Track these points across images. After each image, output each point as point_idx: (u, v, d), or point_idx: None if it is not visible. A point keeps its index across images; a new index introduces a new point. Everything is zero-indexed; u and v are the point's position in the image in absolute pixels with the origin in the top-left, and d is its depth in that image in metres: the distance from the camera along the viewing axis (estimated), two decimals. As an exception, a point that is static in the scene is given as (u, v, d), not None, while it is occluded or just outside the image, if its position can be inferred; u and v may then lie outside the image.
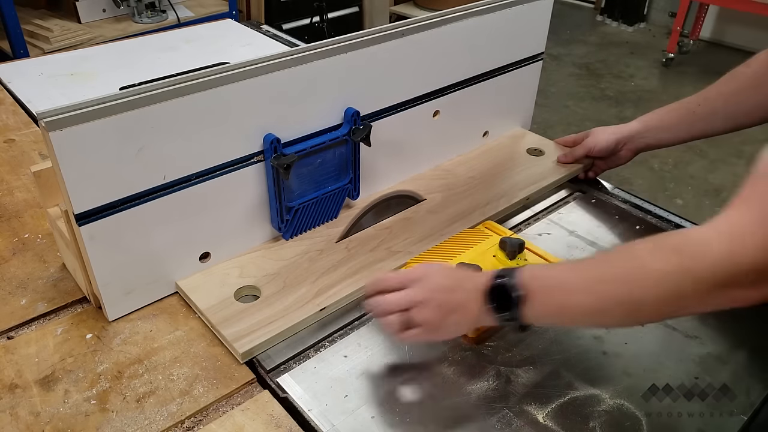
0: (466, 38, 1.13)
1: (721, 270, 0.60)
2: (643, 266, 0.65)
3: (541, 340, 0.87)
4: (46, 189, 0.90)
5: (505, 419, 0.76)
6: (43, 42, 2.44)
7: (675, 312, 0.67)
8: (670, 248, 0.64)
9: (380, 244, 1.02)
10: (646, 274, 0.65)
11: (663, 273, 0.63)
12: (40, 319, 0.89)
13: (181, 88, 0.80)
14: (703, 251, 0.61)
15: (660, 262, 0.64)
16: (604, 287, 0.68)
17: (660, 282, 0.63)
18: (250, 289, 0.93)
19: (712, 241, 0.61)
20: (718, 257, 0.60)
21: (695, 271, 0.61)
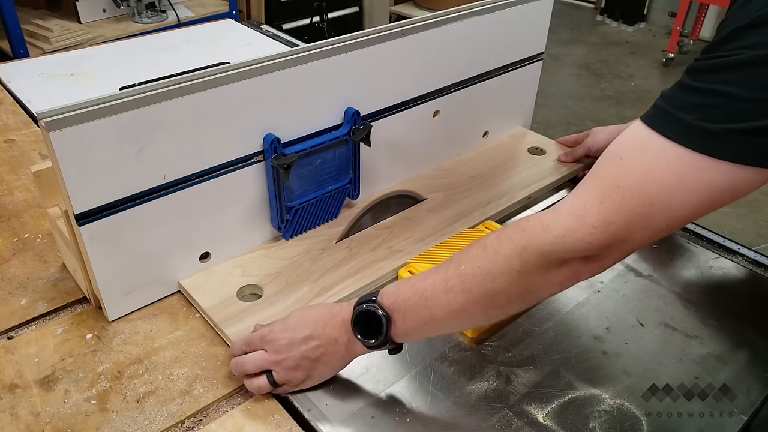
0: (466, 38, 1.13)
1: (561, 245, 0.63)
2: (492, 251, 0.68)
3: (541, 340, 0.87)
4: (46, 189, 0.90)
5: (505, 419, 0.76)
6: (43, 42, 2.44)
7: (526, 294, 0.68)
8: (517, 228, 0.67)
9: (381, 244, 1.02)
10: (495, 258, 0.67)
11: (510, 252, 0.66)
12: (40, 319, 0.89)
13: (181, 88, 0.80)
14: (546, 227, 0.64)
15: (507, 243, 0.67)
16: (462, 282, 0.69)
17: (508, 262, 0.66)
18: (252, 288, 0.93)
19: (555, 218, 0.64)
20: (558, 233, 0.63)
21: (537, 246, 0.64)
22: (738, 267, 1.02)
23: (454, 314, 0.71)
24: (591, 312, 0.92)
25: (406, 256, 1.00)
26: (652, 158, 0.59)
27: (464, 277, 0.69)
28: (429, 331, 0.74)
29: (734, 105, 0.55)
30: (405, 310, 0.72)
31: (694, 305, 0.94)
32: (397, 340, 0.75)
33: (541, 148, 1.30)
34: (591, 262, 0.64)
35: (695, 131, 0.57)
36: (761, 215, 2.67)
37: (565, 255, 0.63)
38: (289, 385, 0.78)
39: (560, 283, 0.67)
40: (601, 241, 0.61)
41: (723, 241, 1.07)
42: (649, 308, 0.93)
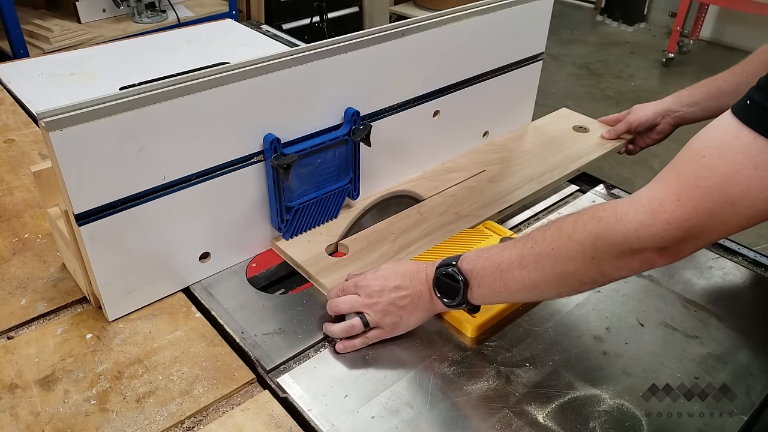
0: (466, 38, 1.13)
1: (634, 237, 0.64)
2: (567, 236, 0.70)
3: (541, 340, 0.87)
4: (46, 189, 0.90)
5: (505, 419, 0.76)
6: (43, 42, 2.44)
7: (598, 277, 0.70)
8: (592, 216, 0.68)
9: (448, 209, 1.11)
10: (569, 243, 0.70)
11: (583, 239, 0.68)
12: (40, 319, 0.89)
13: (181, 88, 0.80)
14: (620, 219, 0.65)
15: (581, 230, 0.69)
16: (536, 261, 0.73)
17: (581, 248, 0.68)
18: (338, 247, 1.03)
19: (630, 211, 0.64)
20: (632, 226, 0.64)
21: (610, 236, 0.66)
22: (738, 267, 1.02)
23: (527, 288, 0.75)
24: (591, 312, 0.92)
25: (473, 220, 1.08)
26: (738, 159, 0.57)
27: (538, 257, 0.73)
28: (502, 298, 0.81)
29: None
30: (482, 278, 0.78)
31: (694, 305, 0.94)
32: (473, 303, 0.80)
33: (584, 127, 1.38)
34: (665, 253, 0.65)
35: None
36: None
37: (638, 246, 0.64)
38: (379, 329, 0.84)
39: (633, 269, 0.68)
40: (675, 237, 0.62)
41: (723, 241, 1.07)
42: (649, 308, 0.93)
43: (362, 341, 0.84)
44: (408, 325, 0.85)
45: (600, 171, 1.30)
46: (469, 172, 1.22)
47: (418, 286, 0.83)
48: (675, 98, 1.23)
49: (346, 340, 0.85)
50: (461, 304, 0.80)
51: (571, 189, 1.23)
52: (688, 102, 1.20)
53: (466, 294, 0.79)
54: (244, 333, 0.87)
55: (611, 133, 1.32)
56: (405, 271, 0.85)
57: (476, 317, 0.87)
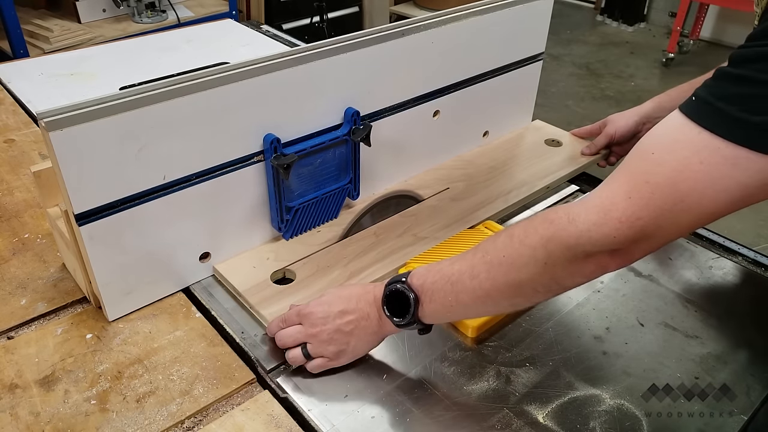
0: (466, 38, 1.13)
1: (586, 239, 0.62)
2: (518, 242, 0.68)
3: (541, 340, 0.87)
4: (46, 189, 0.90)
5: (505, 419, 0.76)
6: (43, 42, 2.44)
7: (551, 284, 0.68)
8: (543, 220, 0.67)
9: (406, 231, 1.06)
10: (521, 248, 0.68)
11: (535, 244, 0.66)
12: (40, 319, 0.89)
13: (181, 88, 0.80)
14: (572, 221, 0.63)
15: (533, 235, 0.67)
16: (487, 270, 0.70)
17: (533, 253, 0.66)
18: (285, 273, 0.97)
19: (582, 212, 0.63)
20: (584, 227, 0.62)
21: (562, 239, 0.64)
22: (738, 267, 1.02)
23: (480, 300, 0.72)
24: (591, 312, 0.92)
25: (431, 242, 1.03)
26: (685, 154, 0.57)
27: (490, 266, 0.70)
28: (455, 314, 0.76)
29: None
30: (433, 293, 0.74)
31: (694, 305, 0.94)
32: (425, 321, 0.77)
33: (557, 140, 1.34)
34: (618, 256, 0.63)
35: (736, 123, 0.54)
36: (761, 215, 2.67)
37: (590, 249, 0.63)
38: (324, 359, 0.80)
39: (585, 275, 0.66)
40: (627, 237, 0.60)
41: (723, 241, 1.07)
42: (649, 308, 0.93)
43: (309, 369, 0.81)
44: (356, 352, 0.81)
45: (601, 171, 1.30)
46: (432, 190, 1.16)
47: (365, 309, 0.79)
48: (655, 103, 1.19)
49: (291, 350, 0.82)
50: (411, 322, 0.76)
51: (571, 189, 1.23)
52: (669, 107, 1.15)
53: (417, 311, 0.75)
54: (244, 333, 0.87)
55: (591, 148, 1.26)
56: (350, 295, 0.81)
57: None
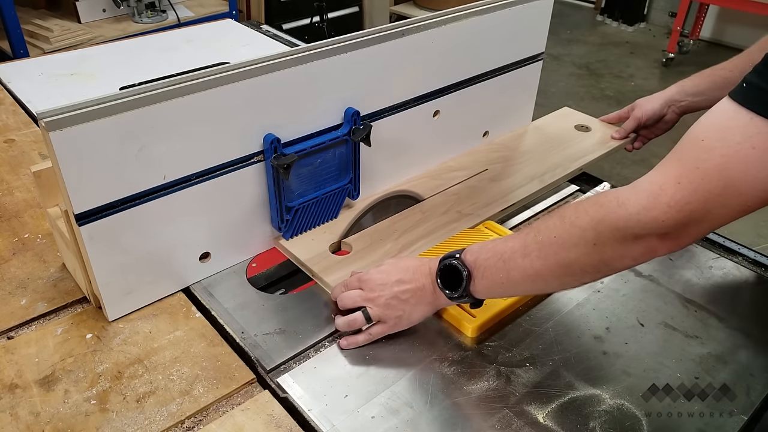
0: (466, 38, 1.13)
1: (635, 222, 0.63)
2: (569, 223, 0.70)
3: (541, 340, 0.87)
4: (46, 189, 0.90)
5: (505, 419, 0.76)
6: (43, 42, 2.44)
7: (600, 266, 0.69)
8: (594, 203, 0.68)
9: (451, 208, 1.11)
10: (571, 229, 0.69)
11: (585, 225, 0.68)
12: (40, 319, 0.89)
13: (181, 88, 0.80)
14: (622, 204, 0.64)
15: (583, 216, 0.68)
16: (539, 249, 0.72)
17: (583, 234, 0.68)
18: (342, 245, 1.03)
19: (631, 196, 0.64)
20: (634, 210, 0.63)
21: (612, 221, 0.65)
22: (738, 267, 1.02)
23: (530, 278, 0.74)
24: (591, 312, 0.92)
25: (475, 219, 1.09)
26: (737, 139, 0.57)
27: (541, 245, 0.72)
28: (506, 290, 0.79)
29: None
30: (485, 269, 0.77)
31: (694, 305, 0.94)
32: (476, 296, 0.79)
33: (586, 126, 1.38)
34: (667, 240, 0.64)
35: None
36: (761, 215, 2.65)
37: (640, 231, 0.63)
38: (381, 324, 0.84)
39: (635, 258, 0.67)
40: (676, 221, 0.61)
41: (723, 241, 1.07)
42: (649, 308, 0.93)
43: (365, 337, 0.84)
44: (412, 319, 0.84)
45: (600, 171, 1.30)
46: (471, 171, 1.22)
47: (421, 280, 0.83)
48: (679, 88, 1.23)
49: (350, 336, 0.85)
50: (464, 296, 0.79)
51: (571, 189, 1.23)
52: (693, 92, 1.20)
53: (468, 286, 0.78)
54: (244, 333, 0.87)
55: (621, 132, 1.31)
56: (408, 266, 0.85)
57: (476, 317, 0.87)
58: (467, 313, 0.88)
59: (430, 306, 0.84)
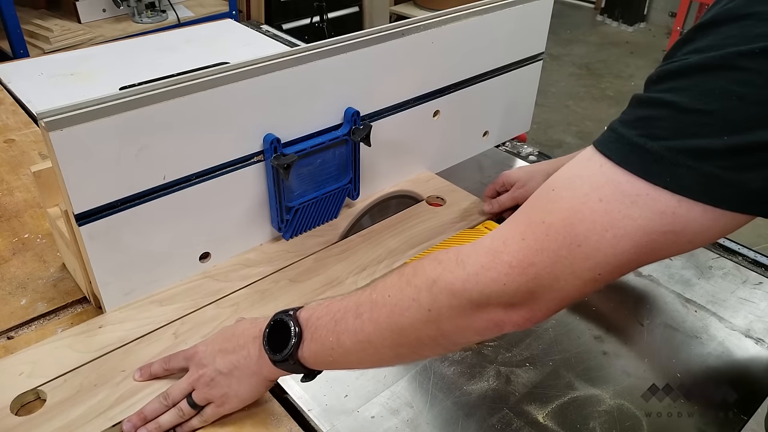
0: (466, 38, 1.13)
1: (473, 284, 0.53)
2: (405, 281, 0.59)
3: (541, 340, 0.87)
4: (46, 189, 0.90)
5: (505, 419, 0.76)
6: (43, 42, 2.44)
7: (439, 338, 0.58)
8: (433, 259, 0.58)
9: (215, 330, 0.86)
10: (406, 289, 0.59)
11: (420, 285, 0.57)
12: (40, 319, 0.89)
13: (181, 88, 0.80)
14: (461, 261, 0.55)
15: (420, 274, 0.58)
16: (371, 310, 0.61)
17: (418, 296, 0.57)
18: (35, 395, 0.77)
19: (472, 253, 0.55)
20: (472, 270, 0.54)
21: (448, 282, 0.55)
22: (738, 267, 1.02)
23: (361, 344, 0.62)
24: (591, 312, 0.92)
25: None
26: (585, 190, 0.49)
27: (373, 305, 0.61)
28: (337, 360, 0.65)
29: (677, 116, 0.45)
30: (315, 329, 0.65)
31: (694, 305, 0.94)
32: (306, 364, 0.67)
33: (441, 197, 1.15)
34: (513, 311, 0.54)
35: (633, 149, 0.47)
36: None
37: (479, 297, 0.54)
38: (212, 406, 0.72)
39: (477, 330, 0.56)
40: (519, 284, 0.52)
41: (723, 241, 1.07)
42: (649, 308, 0.93)
43: (199, 421, 0.73)
44: (240, 397, 0.72)
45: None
46: (274, 267, 0.97)
47: (246, 347, 0.70)
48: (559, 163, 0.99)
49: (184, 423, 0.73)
50: (290, 361, 0.66)
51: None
52: None
53: (297, 349, 0.65)
54: (244, 333, 0.87)
55: (494, 205, 1.07)
56: (235, 331, 0.73)
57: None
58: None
59: (255, 378, 0.71)
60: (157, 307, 0.89)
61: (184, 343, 0.82)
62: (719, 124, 0.44)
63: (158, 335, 0.84)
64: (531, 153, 1.34)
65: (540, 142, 3.19)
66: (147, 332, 0.84)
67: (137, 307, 0.88)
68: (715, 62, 0.44)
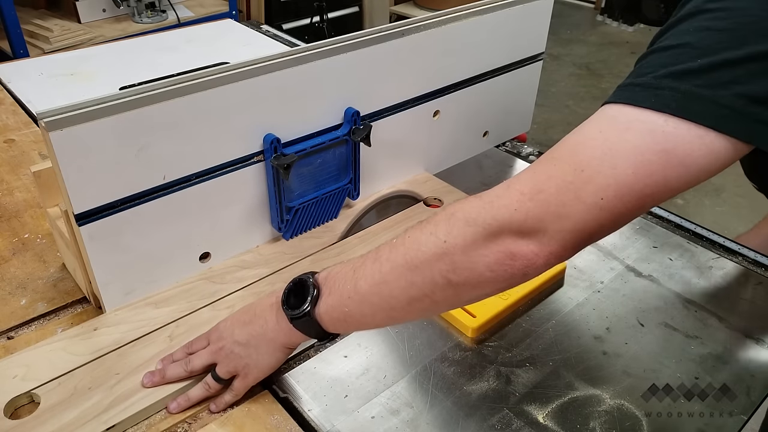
0: (466, 38, 1.13)
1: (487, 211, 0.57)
2: (427, 219, 0.62)
3: (541, 340, 0.87)
4: (46, 189, 0.90)
5: (505, 419, 0.76)
6: (43, 42, 2.44)
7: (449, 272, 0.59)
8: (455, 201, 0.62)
9: None
10: (426, 225, 0.61)
11: (440, 218, 0.60)
12: (40, 319, 0.89)
13: (181, 88, 0.80)
14: (479, 196, 0.59)
15: (440, 212, 0.61)
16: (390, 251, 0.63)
17: (435, 230, 0.60)
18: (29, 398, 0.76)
19: (491, 190, 0.59)
20: (487, 199, 0.58)
21: (465, 211, 0.58)
22: (738, 267, 1.02)
23: (377, 287, 0.63)
24: (591, 312, 0.92)
25: None
26: (588, 127, 0.56)
27: (392, 247, 0.63)
28: (351, 311, 0.65)
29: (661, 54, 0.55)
30: (334, 282, 0.67)
31: (694, 305, 0.94)
32: (322, 324, 0.67)
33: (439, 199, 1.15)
34: (524, 241, 0.55)
35: (627, 86, 0.55)
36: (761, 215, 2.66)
37: (492, 223, 0.56)
38: (239, 379, 0.74)
39: (489, 266, 0.57)
40: (529, 209, 0.55)
41: (723, 241, 1.07)
42: (649, 308, 0.93)
43: (231, 396, 0.75)
44: (261, 366, 0.73)
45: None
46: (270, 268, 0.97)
47: (263, 315, 0.72)
48: None
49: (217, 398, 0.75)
50: (307, 317, 0.67)
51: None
52: None
53: (315, 306, 0.67)
54: (244, 333, 0.87)
55: None
56: (254, 303, 0.75)
57: (477, 317, 0.87)
58: (467, 313, 0.88)
59: (273, 344, 0.72)
60: (153, 309, 0.88)
61: (179, 346, 0.82)
62: (694, 52, 0.52)
63: (153, 338, 0.84)
64: (531, 153, 1.34)
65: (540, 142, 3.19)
66: (142, 335, 0.84)
67: (133, 310, 0.88)
68: (690, 11, 0.55)
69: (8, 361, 0.80)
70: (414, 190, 1.16)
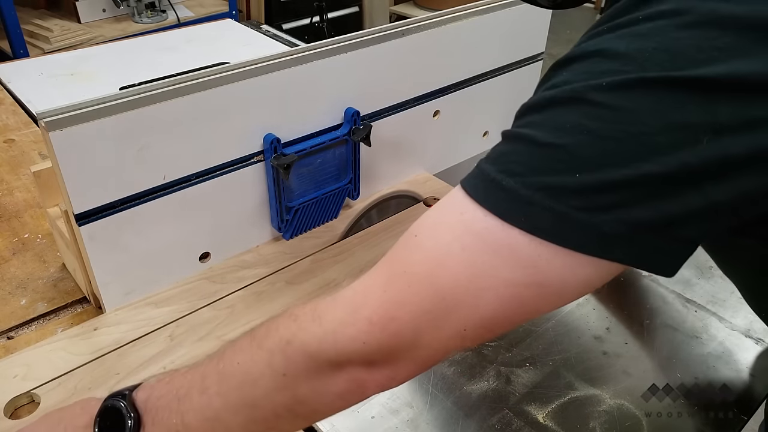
0: (466, 38, 1.13)
1: (331, 342, 0.47)
2: (257, 344, 0.52)
3: (541, 340, 0.87)
4: (46, 189, 0.90)
5: (505, 419, 0.76)
6: (43, 42, 2.44)
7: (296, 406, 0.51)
8: (289, 315, 0.51)
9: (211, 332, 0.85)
10: (258, 353, 0.51)
11: (273, 347, 0.50)
12: (40, 319, 0.89)
13: (181, 88, 0.80)
14: (317, 317, 0.49)
15: (273, 335, 0.51)
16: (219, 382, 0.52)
17: (270, 361, 0.50)
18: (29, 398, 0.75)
19: (330, 308, 0.49)
20: (330, 327, 0.48)
21: (303, 341, 0.49)
22: (738, 267, 1.02)
23: (209, 424, 0.53)
24: (591, 312, 0.92)
25: None
26: (447, 238, 0.45)
27: (221, 376, 0.52)
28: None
29: (532, 151, 0.43)
30: (157, 411, 0.55)
31: (694, 305, 0.94)
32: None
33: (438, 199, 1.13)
34: (375, 369, 0.48)
35: (490, 185, 0.44)
36: (761, 215, 2.65)
37: (336, 357, 0.48)
38: None
39: (339, 395, 0.50)
40: (380, 343, 0.46)
41: (723, 241, 1.07)
42: (649, 308, 0.93)
43: None
44: None
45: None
46: (270, 268, 0.97)
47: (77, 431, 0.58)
48: None
49: None
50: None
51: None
52: None
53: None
54: (244, 333, 0.87)
55: None
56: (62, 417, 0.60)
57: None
58: None
59: None
60: (153, 309, 0.88)
61: (180, 346, 0.82)
62: (571, 161, 0.41)
63: (153, 338, 0.84)
64: (531, 153, 1.34)
65: (540, 142, 3.19)
66: (142, 335, 0.84)
67: (133, 309, 0.88)
68: (566, 95, 0.43)
69: (8, 361, 0.80)
70: (414, 190, 1.16)
